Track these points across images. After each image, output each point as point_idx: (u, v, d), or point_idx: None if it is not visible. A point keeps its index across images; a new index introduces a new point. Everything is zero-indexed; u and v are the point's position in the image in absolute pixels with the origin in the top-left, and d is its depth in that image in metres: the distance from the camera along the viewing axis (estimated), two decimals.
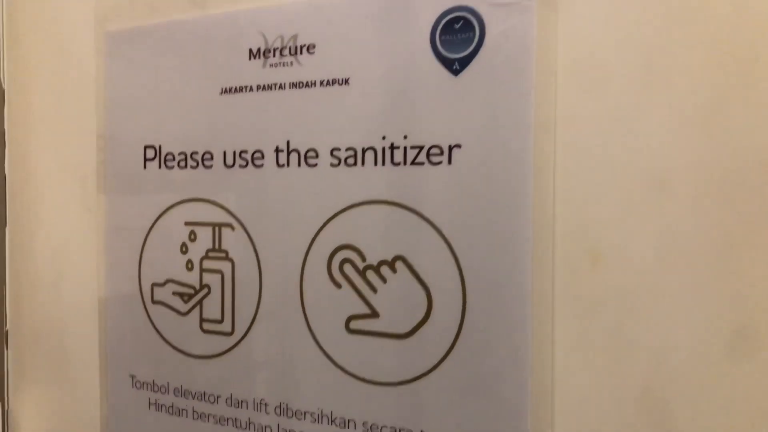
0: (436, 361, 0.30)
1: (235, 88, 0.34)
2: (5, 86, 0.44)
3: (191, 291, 0.36)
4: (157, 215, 0.37)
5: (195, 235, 0.36)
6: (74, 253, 0.41)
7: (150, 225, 0.37)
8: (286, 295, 0.33)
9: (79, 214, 0.41)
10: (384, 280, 0.31)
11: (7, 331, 0.44)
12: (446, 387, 0.30)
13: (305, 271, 0.33)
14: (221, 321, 0.35)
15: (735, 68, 0.25)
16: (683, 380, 0.26)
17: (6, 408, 0.44)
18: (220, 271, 0.35)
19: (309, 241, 0.32)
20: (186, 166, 0.36)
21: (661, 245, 0.26)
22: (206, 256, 0.36)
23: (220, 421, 0.36)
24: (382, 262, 0.31)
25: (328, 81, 0.32)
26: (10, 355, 0.44)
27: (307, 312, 0.33)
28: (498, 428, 0.28)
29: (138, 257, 0.38)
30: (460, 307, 0.29)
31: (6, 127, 0.44)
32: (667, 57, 0.26)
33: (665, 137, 0.26)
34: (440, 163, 0.29)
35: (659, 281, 0.26)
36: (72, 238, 0.41)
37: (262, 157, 0.34)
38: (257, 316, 0.34)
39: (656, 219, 0.26)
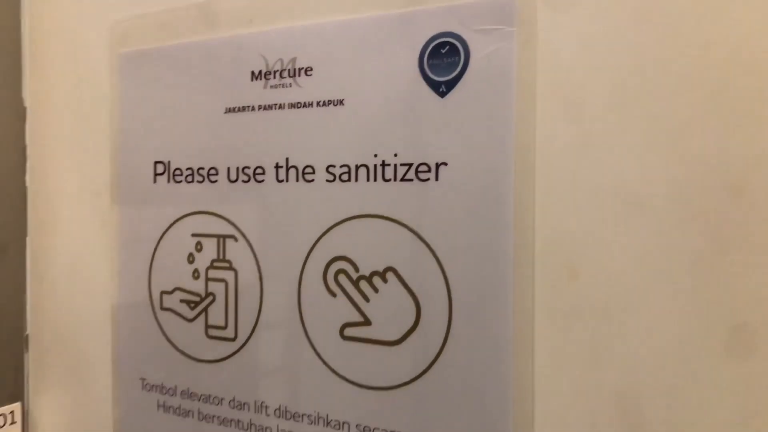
0: (423, 368, 0.31)
1: (239, 108, 0.36)
2: (27, 104, 0.46)
3: (197, 299, 0.38)
4: (166, 227, 0.39)
5: (201, 245, 0.38)
6: (89, 262, 0.44)
7: (159, 236, 0.40)
8: (285, 303, 0.35)
9: (94, 225, 0.43)
10: (376, 290, 0.33)
11: (27, 336, 0.47)
12: (433, 392, 0.31)
13: (303, 281, 0.35)
14: (225, 327, 0.37)
15: (704, 93, 0.26)
16: (657, 391, 0.27)
17: (26, 408, 0.47)
18: (224, 280, 0.37)
19: (306, 253, 0.34)
20: (193, 180, 0.38)
21: (635, 260, 0.28)
22: (211, 266, 0.38)
23: (224, 422, 0.37)
24: (374, 273, 0.33)
25: (324, 102, 0.33)
26: (30, 358, 0.47)
27: (305, 319, 0.35)
28: (472, 427, 0.30)
29: (148, 267, 0.40)
30: (446, 317, 0.31)
31: (27, 142, 0.46)
32: (641, 81, 0.27)
33: (639, 156, 0.27)
34: (428, 180, 0.31)
35: (634, 295, 0.28)
36: (87, 248, 0.44)
37: (263, 172, 0.36)
38: (258, 323, 0.36)
39: (631, 235, 0.28)
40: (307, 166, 0.34)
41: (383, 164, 0.32)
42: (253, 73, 0.36)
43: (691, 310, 0.27)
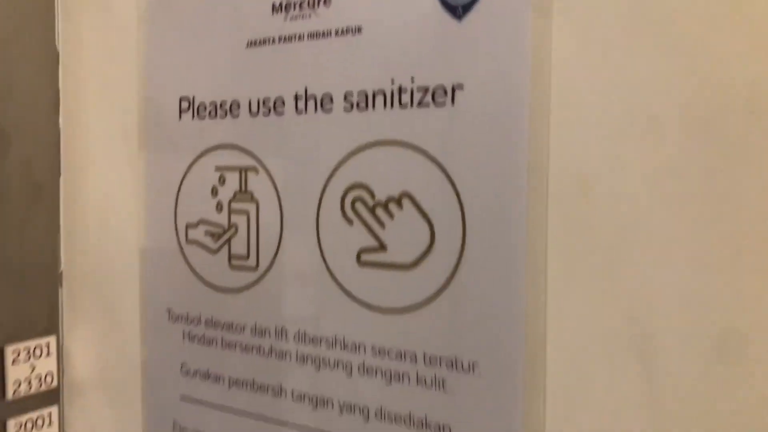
0: (437, 289, 0.32)
1: (260, 41, 0.37)
2: (60, 49, 0.48)
3: (221, 230, 0.40)
4: (190, 162, 0.40)
5: (224, 179, 0.39)
6: (119, 199, 0.45)
7: (185, 171, 0.41)
8: (304, 231, 0.36)
9: (123, 163, 0.45)
10: (391, 215, 0.33)
11: (61, 272, 0.49)
12: (447, 312, 0.32)
13: (321, 210, 0.35)
14: (247, 257, 0.39)
15: (720, 11, 0.26)
16: (667, 308, 0.27)
17: (60, 341, 0.49)
18: (246, 212, 0.38)
19: (324, 182, 0.35)
20: (216, 115, 0.39)
21: (648, 178, 0.28)
22: (234, 198, 0.39)
23: (246, 348, 0.39)
24: (389, 199, 0.33)
25: (342, 30, 0.34)
26: (65, 293, 0.49)
27: (323, 247, 0.36)
28: (494, 350, 0.30)
29: (174, 201, 0.42)
30: (460, 238, 0.31)
31: (60, 86, 0.48)
32: (654, 2, 0.27)
33: (654, 75, 0.27)
34: (444, 103, 0.31)
35: (646, 211, 0.28)
36: (117, 186, 0.45)
37: (283, 104, 0.36)
38: (279, 252, 0.37)
39: (644, 153, 0.28)
40: (325, 95, 0.35)
41: (400, 90, 0.32)
42: (273, 5, 0.36)
43: (705, 230, 0.27)
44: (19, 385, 0.46)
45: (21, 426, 0.46)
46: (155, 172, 0.43)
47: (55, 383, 0.48)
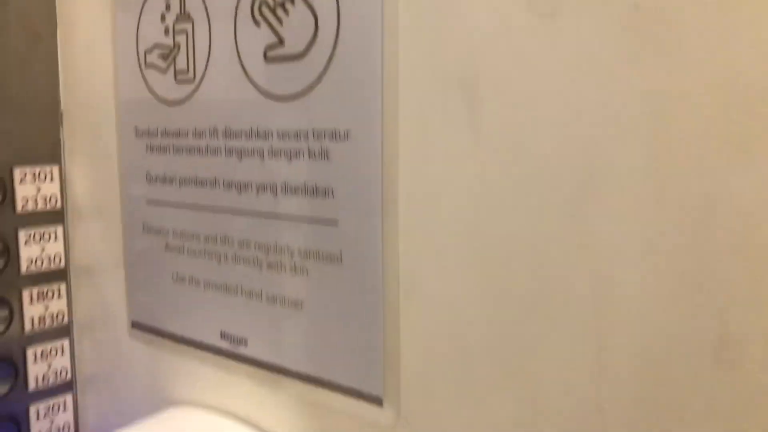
0: (320, 72, 0.37)
1: None
2: None
3: (168, 50, 0.46)
4: None
5: (169, 5, 0.46)
6: (101, 44, 0.53)
7: (141, 5, 0.47)
8: (226, 40, 0.42)
9: (102, 13, 0.52)
10: (287, 13, 0.39)
11: (62, 113, 0.57)
12: (328, 92, 0.37)
13: (237, 19, 0.41)
14: (187, 71, 0.45)
15: None
16: (489, 59, 0.32)
17: (62, 169, 0.58)
18: (185, 31, 0.45)
19: None
20: None
21: None
22: (176, 20, 0.45)
23: (189, 150, 0.46)
24: None
25: None
26: (65, 130, 0.58)
27: (240, 51, 0.41)
28: (361, 118, 0.36)
29: (135, 33, 0.48)
30: (336, 24, 0.36)
31: None
32: None
33: None
34: None
35: None
36: (99, 34, 0.53)
37: None
38: (209, 62, 0.44)
39: None
40: None
41: None
42: None
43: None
44: (27, 201, 0.55)
45: (30, 236, 0.56)
46: (123, 14, 0.49)
47: (59, 205, 0.58)
